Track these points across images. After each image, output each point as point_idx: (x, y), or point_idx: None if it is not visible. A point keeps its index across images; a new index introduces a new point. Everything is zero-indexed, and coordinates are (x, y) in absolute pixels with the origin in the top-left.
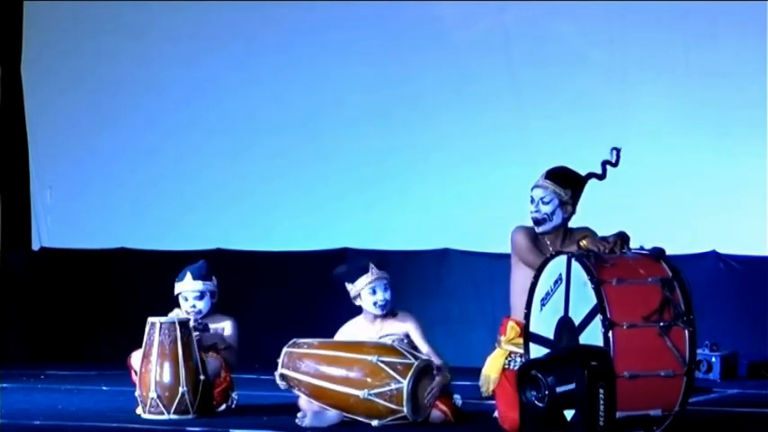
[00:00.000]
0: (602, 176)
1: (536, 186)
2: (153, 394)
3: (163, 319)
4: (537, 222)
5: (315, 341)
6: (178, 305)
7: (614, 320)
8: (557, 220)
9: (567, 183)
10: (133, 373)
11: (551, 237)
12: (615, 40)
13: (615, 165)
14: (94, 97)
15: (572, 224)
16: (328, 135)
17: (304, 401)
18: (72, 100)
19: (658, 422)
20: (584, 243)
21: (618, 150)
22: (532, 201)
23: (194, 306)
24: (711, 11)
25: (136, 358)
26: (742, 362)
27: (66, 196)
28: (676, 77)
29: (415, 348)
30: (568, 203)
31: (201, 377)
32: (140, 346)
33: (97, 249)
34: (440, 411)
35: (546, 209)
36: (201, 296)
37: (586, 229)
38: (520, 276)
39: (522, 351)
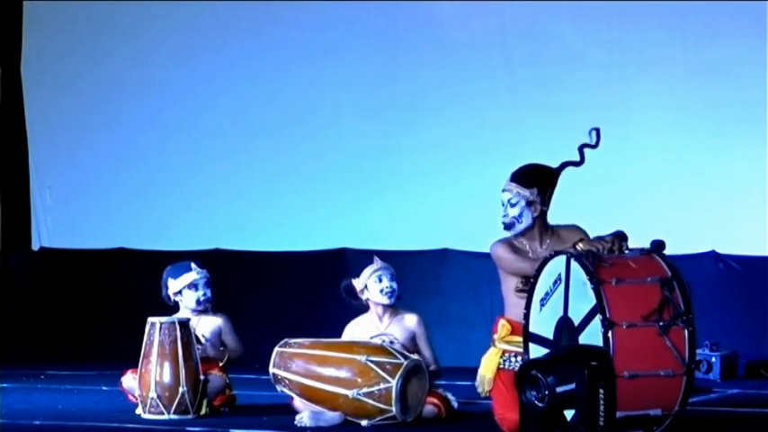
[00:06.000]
0: (579, 162)
1: (502, 190)
2: (153, 394)
3: (163, 319)
4: (507, 227)
5: (306, 341)
6: (172, 309)
7: (614, 320)
8: (526, 221)
9: (532, 182)
10: (130, 396)
11: (527, 238)
12: (614, 39)
13: (595, 146)
14: (94, 97)
15: (565, 221)
16: (326, 134)
17: (298, 403)
18: (72, 100)
19: (658, 422)
20: (581, 246)
21: (597, 131)
22: (502, 204)
23: (205, 294)
24: (710, 10)
25: (127, 381)
26: (742, 362)
27: (66, 196)
28: (675, 77)
29: (409, 350)
30: (535, 202)
31: (201, 377)
32: (134, 359)
33: (97, 249)
34: (432, 405)
35: (513, 211)
36: (208, 283)
37: (574, 226)
38: (511, 280)
39: (515, 349)
